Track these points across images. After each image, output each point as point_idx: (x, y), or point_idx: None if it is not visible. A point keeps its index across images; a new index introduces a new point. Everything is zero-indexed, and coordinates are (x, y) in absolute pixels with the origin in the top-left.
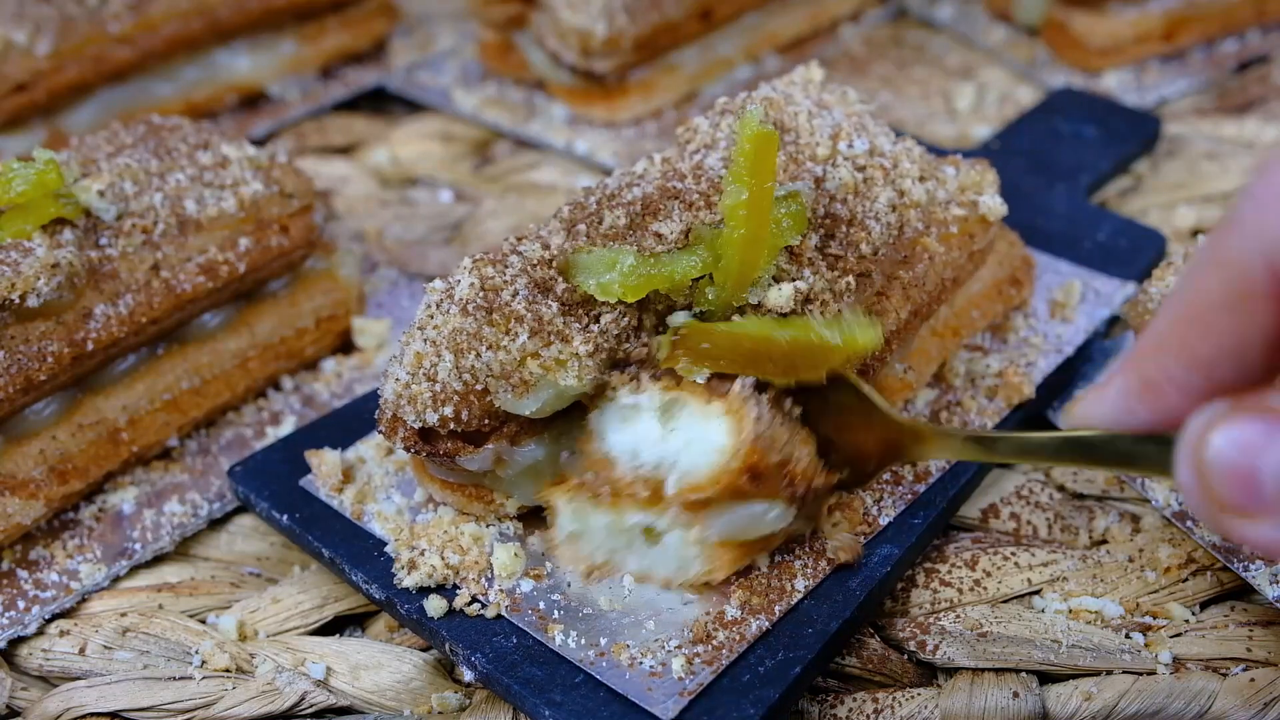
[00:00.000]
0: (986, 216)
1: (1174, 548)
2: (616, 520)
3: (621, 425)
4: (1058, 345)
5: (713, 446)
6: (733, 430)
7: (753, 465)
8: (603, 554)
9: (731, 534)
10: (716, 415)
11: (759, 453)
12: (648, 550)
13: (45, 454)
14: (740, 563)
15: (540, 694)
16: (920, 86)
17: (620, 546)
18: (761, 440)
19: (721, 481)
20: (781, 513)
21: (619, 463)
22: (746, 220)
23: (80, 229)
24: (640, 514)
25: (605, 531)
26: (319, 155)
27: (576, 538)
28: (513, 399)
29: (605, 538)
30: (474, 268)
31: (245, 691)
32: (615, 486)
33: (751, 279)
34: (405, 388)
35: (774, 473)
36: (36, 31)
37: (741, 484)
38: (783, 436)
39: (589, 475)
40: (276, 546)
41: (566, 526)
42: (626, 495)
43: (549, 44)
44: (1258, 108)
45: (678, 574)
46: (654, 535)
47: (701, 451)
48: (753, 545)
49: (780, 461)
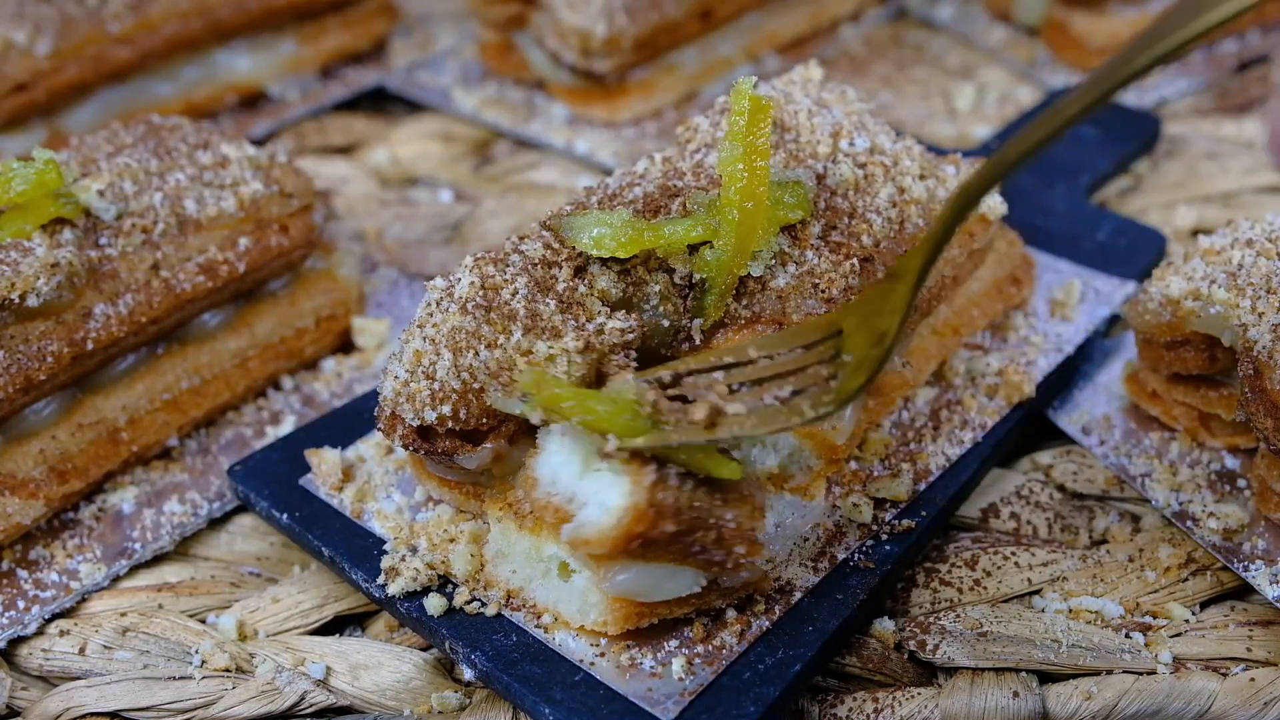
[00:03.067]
0: (986, 215)
1: (1174, 548)
2: (535, 547)
3: (554, 446)
4: (1058, 344)
5: (608, 503)
6: (627, 491)
7: (639, 533)
8: (519, 580)
9: (631, 592)
10: (620, 470)
11: (647, 520)
12: (559, 585)
13: (45, 454)
14: (636, 622)
15: (540, 692)
16: (920, 86)
17: (535, 575)
18: (657, 507)
19: (607, 542)
20: (691, 580)
21: (539, 484)
22: (744, 175)
23: (80, 229)
24: (555, 546)
25: (524, 557)
26: (319, 155)
27: (502, 557)
28: (503, 397)
29: (523, 563)
30: (475, 266)
31: (245, 691)
32: (534, 508)
33: (751, 245)
34: (404, 385)
35: (671, 541)
36: (36, 31)
37: (630, 548)
38: (690, 502)
39: (519, 493)
40: (276, 546)
41: (493, 545)
42: (541, 521)
43: (549, 44)
44: (1258, 108)
45: (578, 616)
46: (566, 571)
47: (600, 504)
48: (655, 607)
49: (680, 531)
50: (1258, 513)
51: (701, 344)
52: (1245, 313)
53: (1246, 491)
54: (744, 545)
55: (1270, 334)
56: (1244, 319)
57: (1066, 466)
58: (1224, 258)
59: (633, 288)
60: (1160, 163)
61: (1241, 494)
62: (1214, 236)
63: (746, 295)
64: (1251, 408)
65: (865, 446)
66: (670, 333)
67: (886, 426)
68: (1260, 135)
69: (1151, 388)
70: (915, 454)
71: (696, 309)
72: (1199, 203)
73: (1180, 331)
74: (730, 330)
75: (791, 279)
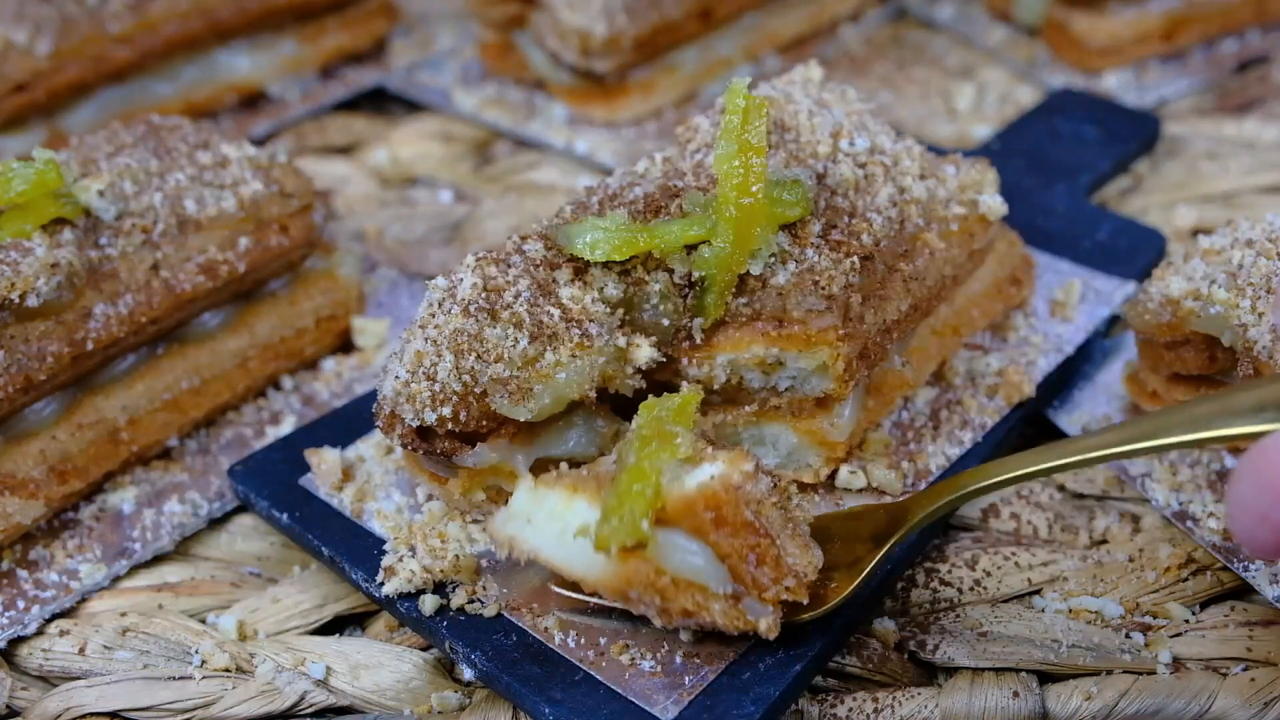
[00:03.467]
0: (986, 215)
1: (1174, 547)
2: (565, 504)
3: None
4: (1058, 344)
5: (703, 472)
6: (723, 469)
7: (719, 503)
8: (529, 534)
9: (667, 554)
10: (723, 453)
11: (732, 496)
12: (571, 543)
13: (45, 454)
14: (630, 587)
15: (540, 692)
16: (920, 86)
17: (551, 532)
18: (742, 491)
19: (687, 498)
20: (722, 577)
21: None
22: (740, 172)
23: (80, 229)
24: (588, 505)
25: (547, 514)
26: (319, 155)
27: (518, 516)
28: (509, 404)
29: (544, 520)
30: (477, 267)
31: (245, 691)
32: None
33: (749, 242)
34: (405, 386)
35: (738, 530)
36: (36, 31)
37: (700, 516)
38: (768, 510)
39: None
40: (276, 546)
41: (515, 504)
42: (581, 482)
43: (549, 44)
44: (1258, 108)
45: (583, 567)
46: (584, 531)
47: (697, 474)
48: (661, 578)
49: (750, 525)
50: None
51: (702, 343)
52: (1245, 313)
53: None
54: (791, 579)
55: (1270, 334)
56: (1244, 319)
57: None
58: (1224, 258)
59: (633, 288)
60: (1160, 163)
61: None
62: (1214, 236)
63: (747, 293)
64: None
65: (865, 446)
66: (671, 332)
67: (886, 426)
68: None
69: (1151, 388)
70: (915, 454)
71: (697, 308)
72: (1199, 203)
73: (1180, 331)
74: (731, 328)
75: (792, 277)
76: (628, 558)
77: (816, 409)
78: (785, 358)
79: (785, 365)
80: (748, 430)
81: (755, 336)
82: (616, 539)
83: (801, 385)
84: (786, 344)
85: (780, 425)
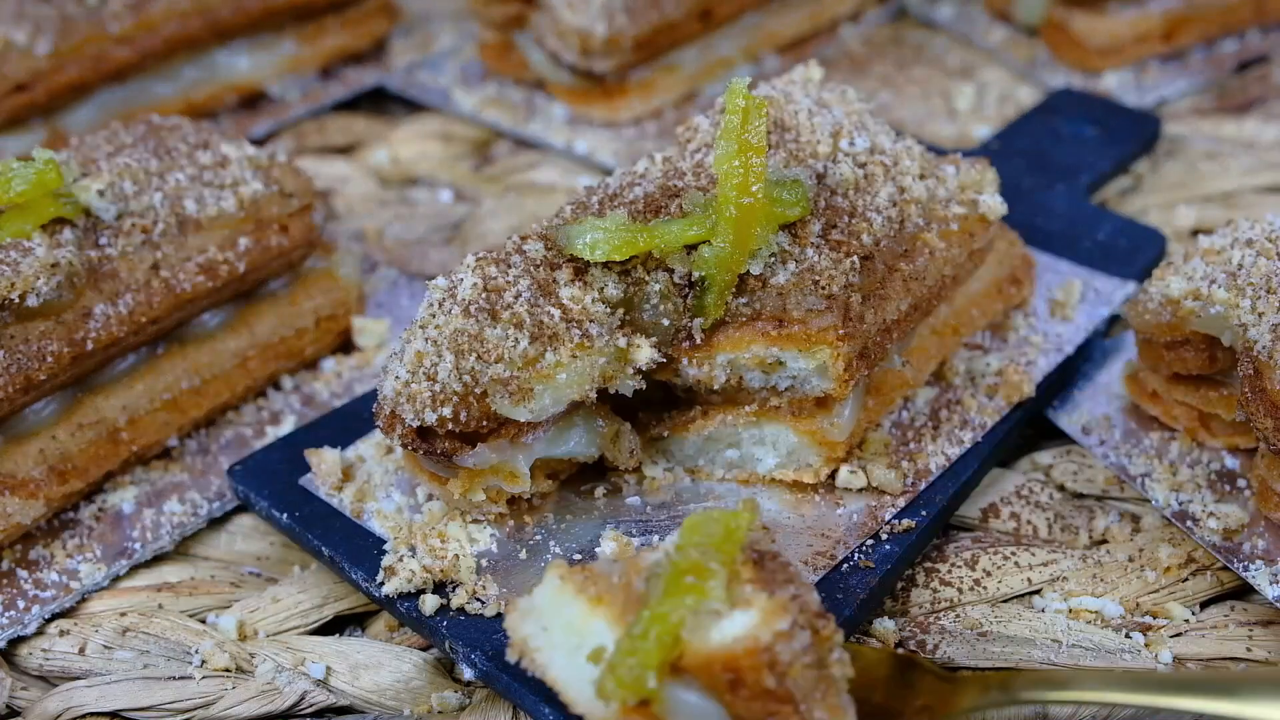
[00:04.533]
0: (986, 215)
1: (1174, 547)
2: (584, 619)
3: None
4: (1058, 344)
5: (732, 626)
6: (755, 622)
7: (740, 666)
8: (540, 640)
9: (673, 711)
10: (758, 603)
11: (756, 662)
12: (581, 665)
13: (45, 454)
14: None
15: (540, 692)
16: (920, 86)
17: (562, 645)
18: (771, 654)
19: (705, 655)
20: None
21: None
22: (739, 172)
23: (80, 229)
24: (608, 629)
25: (564, 624)
26: (319, 155)
27: (535, 613)
28: (510, 404)
29: (559, 629)
30: (477, 267)
31: (245, 691)
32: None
33: (749, 242)
34: (405, 386)
35: (755, 696)
36: (36, 31)
37: (717, 675)
38: (798, 674)
39: (616, 576)
40: (276, 546)
41: (537, 597)
42: (610, 600)
43: (549, 44)
44: (1258, 108)
45: (583, 704)
46: (598, 657)
47: (724, 625)
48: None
49: (770, 693)
50: (1258, 513)
51: (702, 343)
52: (1245, 313)
53: (1246, 491)
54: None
55: (1270, 334)
56: (1244, 319)
57: (1066, 466)
58: (1224, 258)
59: (633, 288)
60: (1160, 163)
61: (1241, 494)
62: (1214, 236)
63: (747, 293)
64: (1251, 408)
65: (865, 446)
66: (671, 332)
67: (886, 426)
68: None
69: (1151, 388)
70: (915, 453)
71: (697, 308)
72: (1199, 203)
73: (1180, 331)
74: (731, 328)
75: (792, 276)
76: (631, 713)
77: (816, 409)
78: (785, 357)
79: (785, 365)
80: (748, 430)
81: (755, 336)
82: (619, 693)
83: (801, 385)
84: (786, 344)
85: (780, 425)
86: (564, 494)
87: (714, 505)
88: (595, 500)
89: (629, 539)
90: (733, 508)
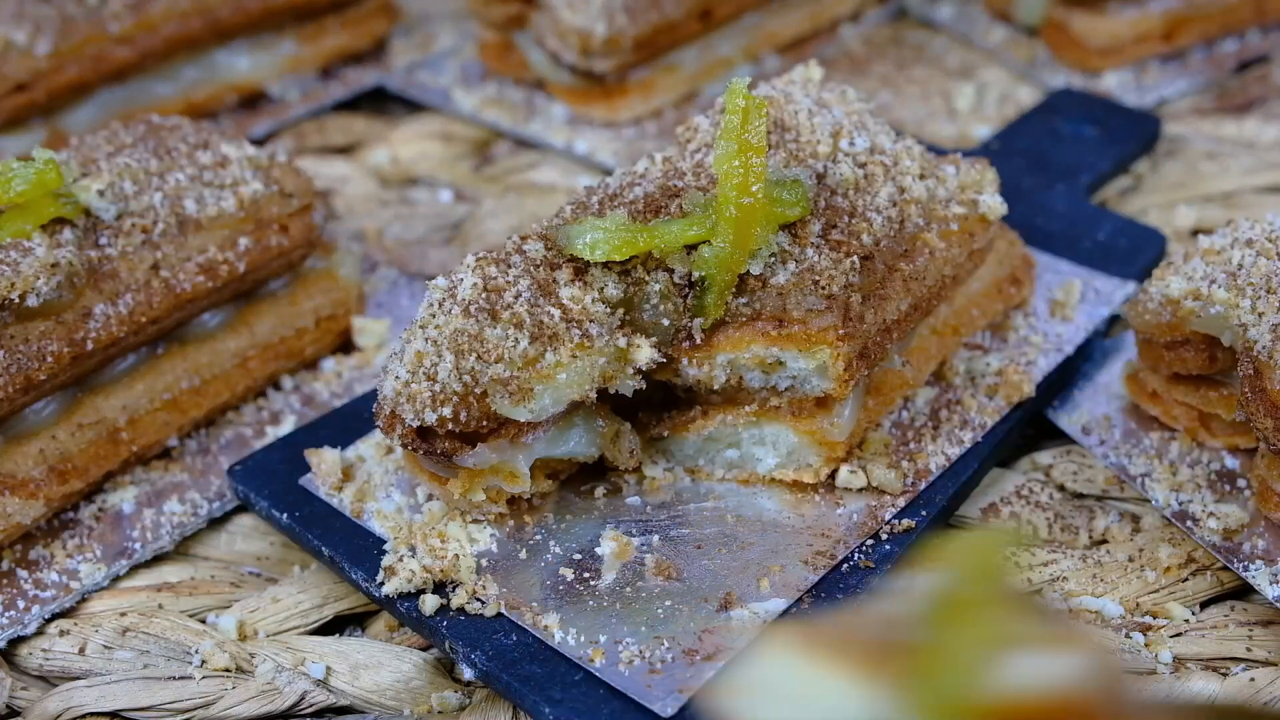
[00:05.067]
0: (986, 215)
1: (1174, 547)
2: (818, 687)
3: None
4: (1058, 344)
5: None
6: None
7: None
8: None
9: None
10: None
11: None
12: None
13: (45, 454)
14: None
15: (540, 691)
16: (920, 86)
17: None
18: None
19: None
20: None
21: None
22: (739, 172)
23: (80, 229)
24: (860, 699)
25: (801, 697)
26: (319, 155)
27: (765, 689)
28: (510, 404)
29: (796, 702)
30: (477, 267)
31: (245, 691)
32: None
33: (749, 242)
34: (405, 386)
35: None
36: (36, 31)
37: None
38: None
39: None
40: (276, 546)
41: (764, 672)
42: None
43: (549, 44)
44: (1258, 108)
45: None
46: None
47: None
48: None
49: None
50: (1258, 513)
51: (702, 343)
52: (1245, 313)
53: (1246, 491)
54: None
55: (1270, 334)
56: (1244, 319)
57: (1066, 466)
58: (1224, 258)
59: (633, 288)
60: (1160, 163)
61: (1241, 494)
62: (1214, 236)
63: (747, 293)
64: (1251, 408)
65: (865, 446)
66: (671, 332)
67: (886, 426)
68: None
69: (1151, 388)
70: (915, 453)
71: (697, 308)
72: (1199, 203)
73: (1180, 331)
74: (731, 328)
75: (792, 276)
76: None
77: (816, 409)
78: (785, 357)
79: (785, 365)
80: (748, 430)
81: (755, 336)
82: None
83: (801, 385)
84: (786, 344)
85: (780, 425)
86: (564, 494)
87: (714, 505)
88: (595, 500)
89: (629, 539)
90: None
